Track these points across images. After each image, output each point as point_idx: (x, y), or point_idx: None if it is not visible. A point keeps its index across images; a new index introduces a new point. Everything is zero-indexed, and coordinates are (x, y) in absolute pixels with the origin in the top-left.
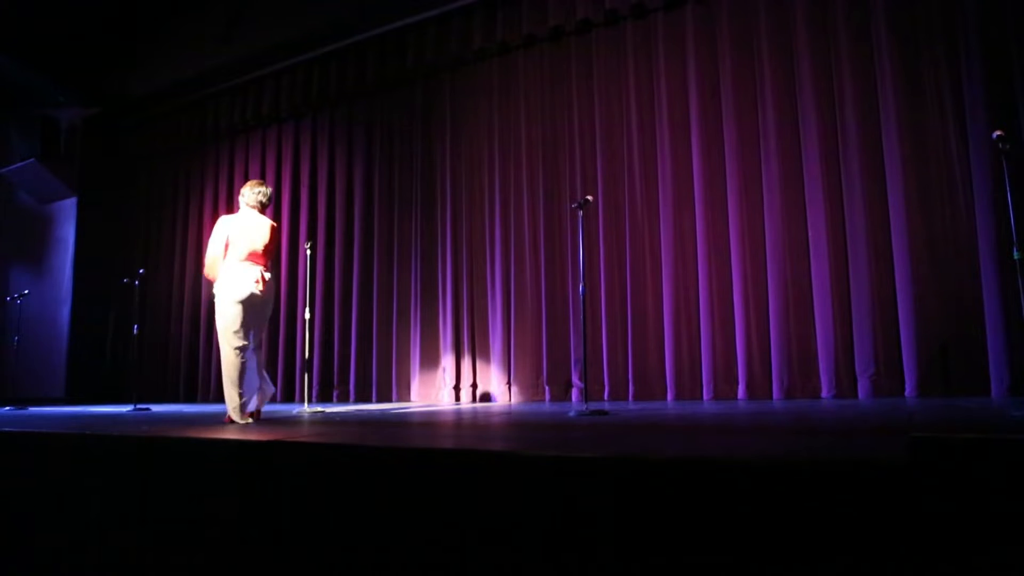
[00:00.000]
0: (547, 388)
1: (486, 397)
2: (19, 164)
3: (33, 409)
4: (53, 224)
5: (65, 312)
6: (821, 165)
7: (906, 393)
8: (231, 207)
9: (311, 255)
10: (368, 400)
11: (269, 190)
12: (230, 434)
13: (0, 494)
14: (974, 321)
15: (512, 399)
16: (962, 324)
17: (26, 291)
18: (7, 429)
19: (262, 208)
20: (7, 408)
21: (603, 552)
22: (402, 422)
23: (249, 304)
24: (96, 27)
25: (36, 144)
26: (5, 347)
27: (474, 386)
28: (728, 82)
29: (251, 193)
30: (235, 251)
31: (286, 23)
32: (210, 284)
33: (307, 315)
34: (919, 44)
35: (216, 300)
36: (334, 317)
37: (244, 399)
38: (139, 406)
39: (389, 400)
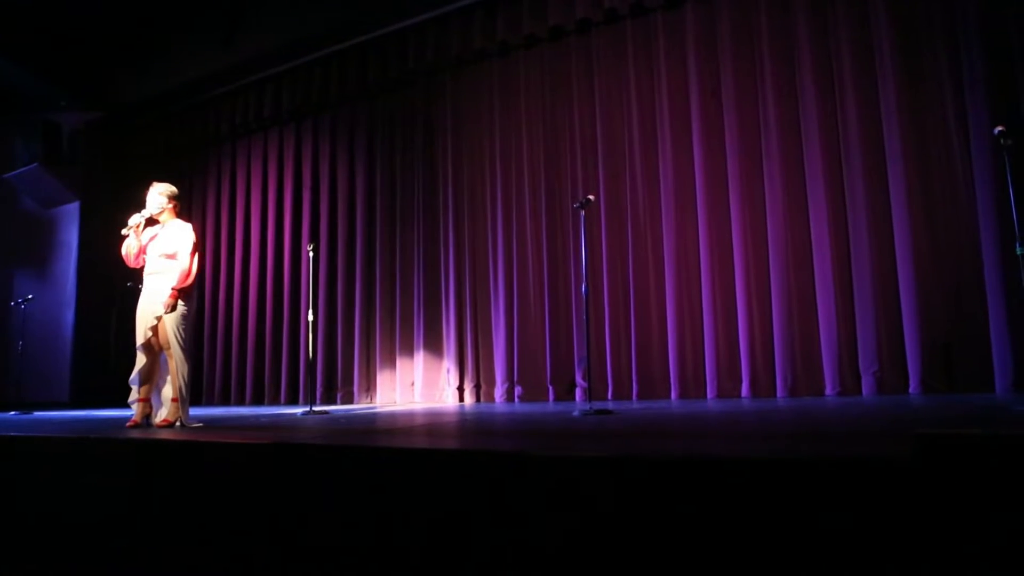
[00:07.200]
0: (551, 388)
1: (490, 397)
2: (22, 169)
3: (38, 413)
4: (56, 228)
5: (69, 316)
6: (823, 162)
7: (910, 390)
8: (233, 209)
9: (314, 257)
10: (372, 401)
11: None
12: (236, 438)
13: (6, 498)
14: (977, 317)
15: (516, 399)
16: (965, 320)
17: (30, 295)
18: (12, 434)
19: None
20: (12, 412)
21: (608, 551)
22: (407, 423)
23: None
24: (97, 31)
25: (39, 148)
26: (10, 352)
27: (477, 386)
28: (729, 80)
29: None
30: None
31: (286, 26)
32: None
33: (310, 317)
34: (920, 40)
35: (186, 306)
36: (337, 319)
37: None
38: None
39: (393, 401)
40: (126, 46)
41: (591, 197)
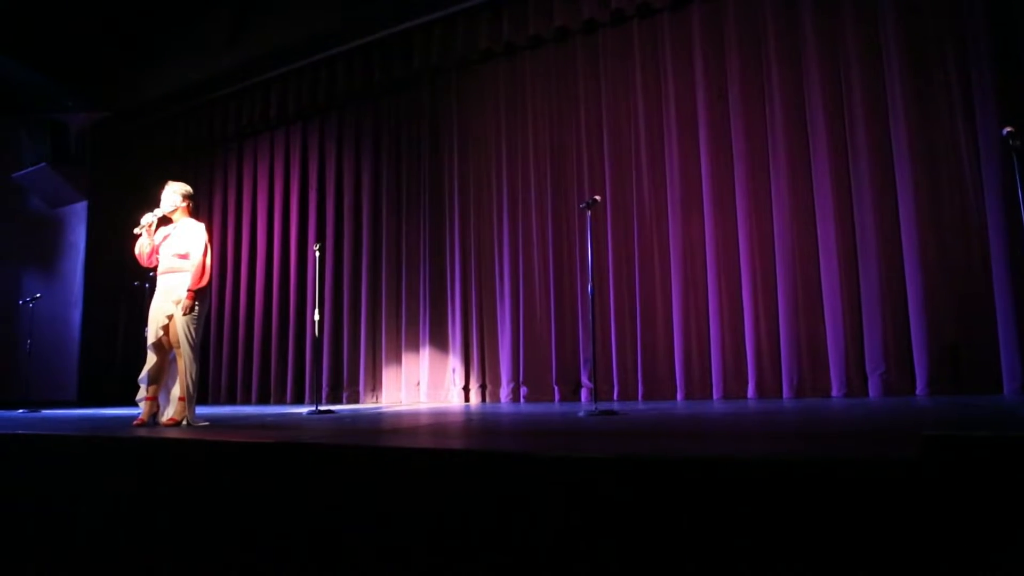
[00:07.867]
0: (556, 388)
1: (495, 397)
2: (30, 168)
3: (45, 412)
4: (64, 228)
5: (76, 315)
6: (830, 163)
7: (917, 392)
8: (240, 209)
9: (320, 257)
10: (377, 401)
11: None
12: (241, 437)
13: (13, 496)
14: (985, 319)
15: (521, 399)
16: (973, 322)
17: (38, 294)
18: (19, 432)
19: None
20: (20, 411)
21: (613, 552)
22: (412, 423)
23: None
24: (104, 31)
25: (46, 149)
26: (18, 350)
27: (483, 386)
28: (736, 81)
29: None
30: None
31: (292, 26)
32: (203, 291)
33: (316, 316)
34: (928, 41)
35: (199, 307)
36: (343, 318)
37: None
38: None
39: (398, 401)
40: (132, 46)
41: (597, 198)
